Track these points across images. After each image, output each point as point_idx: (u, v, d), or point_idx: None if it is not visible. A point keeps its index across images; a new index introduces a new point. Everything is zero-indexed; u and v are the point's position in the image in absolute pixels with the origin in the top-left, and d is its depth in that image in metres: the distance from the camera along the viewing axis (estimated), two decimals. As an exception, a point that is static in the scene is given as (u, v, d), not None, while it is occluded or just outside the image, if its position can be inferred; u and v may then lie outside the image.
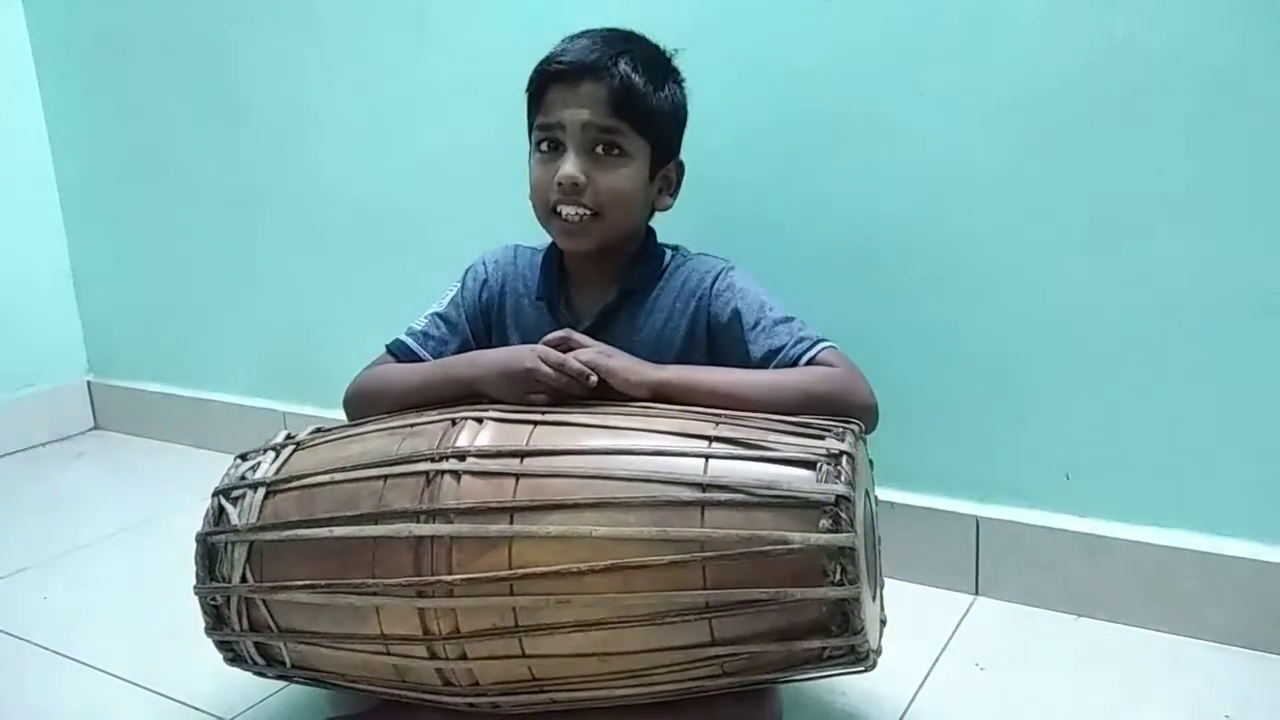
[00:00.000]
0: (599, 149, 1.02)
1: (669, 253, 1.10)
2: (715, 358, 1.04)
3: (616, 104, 1.00)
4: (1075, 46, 1.06)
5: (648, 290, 1.07)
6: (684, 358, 1.04)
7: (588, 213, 1.02)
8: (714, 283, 1.05)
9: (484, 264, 1.15)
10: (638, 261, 1.09)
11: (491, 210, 1.47)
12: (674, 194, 1.10)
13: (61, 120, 2.02)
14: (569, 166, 1.01)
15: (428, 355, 1.09)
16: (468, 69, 1.47)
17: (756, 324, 1.02)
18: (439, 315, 1.12)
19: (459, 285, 1.15)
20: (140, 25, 1.83)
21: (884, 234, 1.20)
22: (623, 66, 1.00)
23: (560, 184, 1.01)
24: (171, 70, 1.81)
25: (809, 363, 0.98)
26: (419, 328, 1.11)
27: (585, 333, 1.03)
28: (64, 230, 2.07)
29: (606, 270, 1.08)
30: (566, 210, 1.02)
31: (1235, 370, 1.06)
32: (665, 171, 1.08)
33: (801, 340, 0.99)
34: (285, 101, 1.69)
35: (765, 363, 1.00)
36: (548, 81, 1.03)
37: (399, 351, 1.10)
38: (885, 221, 1.20)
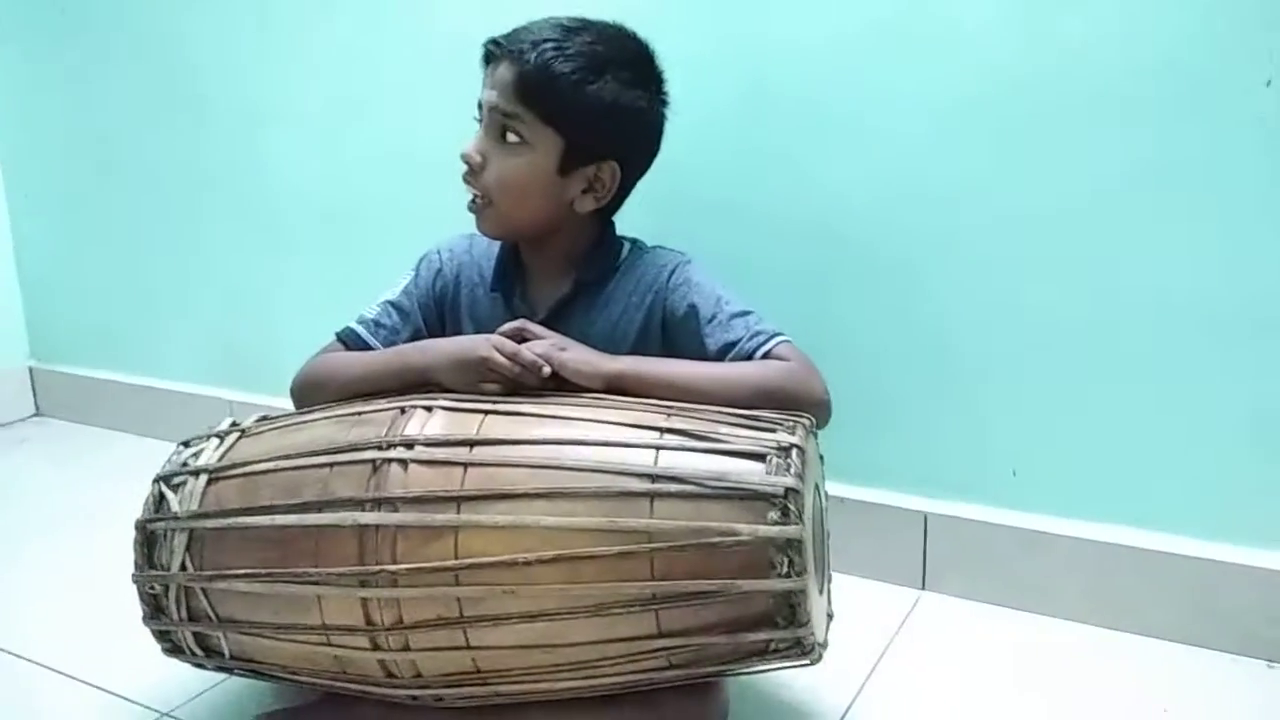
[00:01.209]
0: (503, 134, 1.01)
1: (626, 245, 1.09)
2: (671, 352, 1.03)
3: (523, 90, 0.98)
4: (1038, 44, 1.07)
5: (603, 283, 1.06)
6: (639, 351, 1.02)
7: (480, 195, 1.02)
8: (670, 277, 1.05)
9: (439, 252, 1.13)
10: (593, 254, 1.07)
11: (444, 200, 1.44)
12: (604, 198, 1.04)
13: (6, 103, 1.96)
14: (469, 144, 1.02)
15: (378, 344, 1.07)
16: (422, 59, 1.45)
17: (713, 318, 1.01)
18: (391, 303, 1.10)
19: (413, 273, 1.13)
20: (91, 7, 1.78)
21: (838, 230, 1.20)
22: (545, 53, 0.97)
23: (463, 159, 1.02)
24: (119, 52, 1.77)
25: (764, 357, 0.97)
26: (370, 315, 1.09)
27: (540, 324, 1.02)
28: (7, 213, 2.01)
29: (561, 262, 1.07)
30: (468, 191, 1.03)
31: (1179, 369, 1.07)
32: (588, 171, 1.02)
33: (757, 334, 0.98)
34: (235, 86, 1.66)
35: (721, 356, 0.99)
36: (483, 58, 1.03)
37: (349, 339, 1.08)
38: (837, 218, 1.20)
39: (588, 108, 0.99)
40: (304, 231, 1.65)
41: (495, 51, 1.01)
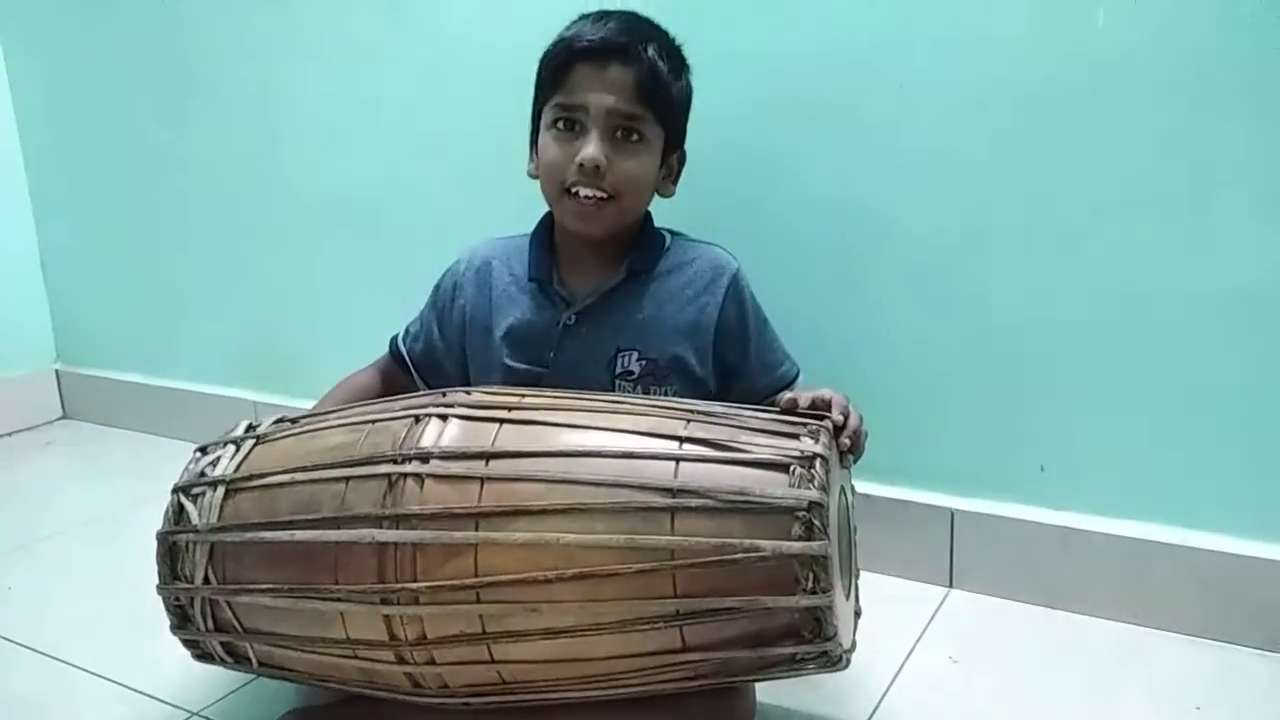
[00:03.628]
0: (619, 134, 1.00)
1: (667, 236, 1.10)
2: (716, 353, 1.06)
3: (642, 92, 0.99)
4: (1056, 38, 1.06)
5: (649, 272, 1.06)
6: (683, 344, 1.04)
7: (604, 195, 1.00)
8: (729, 284, 1.05)
9: (461, 262, 1.14)
10: (642, 244, 1.08)
11: (467, 197, 1.45)
12: (675, 181, 1.10)
13: (30, 106, 1.97)
14: (592, 149, 0.99)
15: (416, 352, 1.15)
16: (441, 53, 1.44)
17: (759, 354, 1.07)
18: (421, 314, 1.16)
19: (436, 287, 1.15)
20: (109, 8, 1.79)
21: (862, 227, 1.19)
22: (651, 53, 0.99)
23: (582, 165, 0.99)
24: (142, 55, 1.77)
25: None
26: (413, 328, 1.17)
27: (584, 312, 1.04)
28: (33, 217, 2.02)
29: (603, 252, 1.07)
30: (584, 192, 1.00)
31: (1209, 364, 1.06)
32: (670, 160, 1.07)
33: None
34: (259, 86, 1.65)
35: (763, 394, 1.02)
36: (574, 59, 1.01)
37: (393, 350, 1.17)
38: (863, 215, 1.19)
39: (682, 101, 1.05)
40: (327, 230, 1.64)
41: (597, 50, 0.99)
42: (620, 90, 0.99)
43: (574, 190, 1.00)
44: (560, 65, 1.01)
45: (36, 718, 1.05)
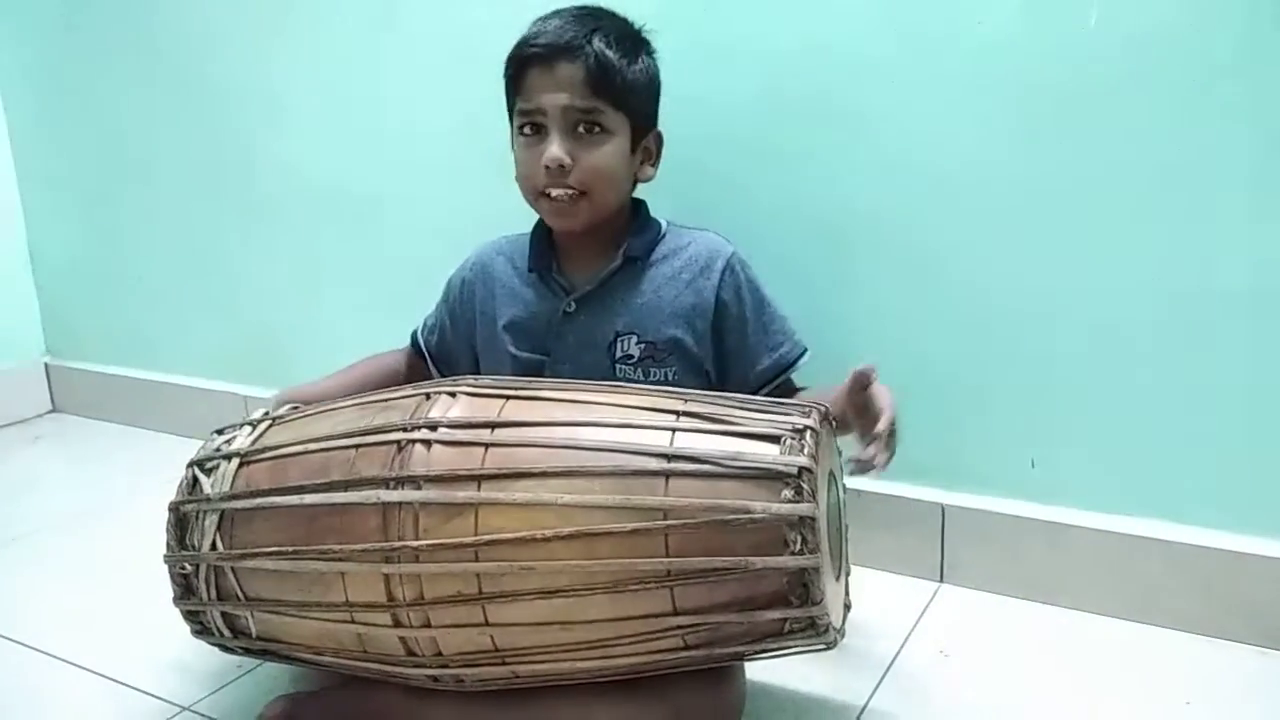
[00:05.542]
0: (580, 129, 1.07)
1: (663, 224, 1.17)
2: (715, 336, 1.12)
3: (594, 84, 1.06)
4: (1048, 35, 1.10)
5: (646, 258, 1.13)
6: (681, 326, 1.10)
7: (575, 192, 1.08)
8: (725, 267, 1.12)
9: (468, 264, 1.23)
10: (637, 231, 1.15)
11: (458, 192, 1.50)
12: (655, 164, 1.16)
13: (18, 99, 2.03)
14: (554, 149, 1.06)
15: (431, 345, 1.25)
16: (433, 49, 1.50)
17: (759, 335, 1.12)
18: (437, 309, 1.26)
19: (448, 284, 1.24)
20: (102, 4, 1.85)
21: (852, 222, 1.24)
22: (596, 44, 1.06)
23: (547, 167, 1.07)
24: (131, 49, 1.83)
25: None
26: (430, 321, 1.26)
27: (583, 299, 1.11)
28: (21, 210, 2.08)
29: (598, 240, 1.14)
30: (555, 192, 1.08)
31: (1199, 360, 1.10)
32: (645, 143, 1.13)
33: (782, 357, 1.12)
34: (248, 79, 1.71)
35: (763, 376, 1.11)
36: (525, 64, 1.09)
37: (414, 343, 1.28)
38: (853, 210, 1.24)
39: (640, 84, 1.10)
40: (315, 225, 1.69)
41: (543, 54, 1.07)
42: (571, 87, 1.06)
43: (546, 191, 1.08)
44: (515, 73, 1.10)
45: (26, 713, 1.09)
